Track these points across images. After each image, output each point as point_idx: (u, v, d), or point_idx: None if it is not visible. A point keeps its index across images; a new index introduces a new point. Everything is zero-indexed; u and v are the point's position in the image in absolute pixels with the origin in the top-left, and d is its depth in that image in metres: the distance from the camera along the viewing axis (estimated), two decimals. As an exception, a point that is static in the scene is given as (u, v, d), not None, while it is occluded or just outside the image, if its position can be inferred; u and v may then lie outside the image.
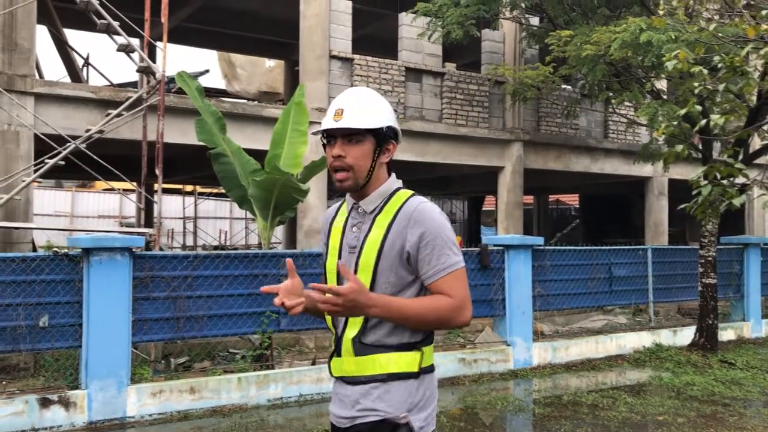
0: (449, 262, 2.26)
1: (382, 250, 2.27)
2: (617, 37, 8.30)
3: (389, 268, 2.27)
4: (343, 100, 2.34)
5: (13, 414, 6.03)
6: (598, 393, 7.90)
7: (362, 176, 2.31)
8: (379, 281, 2.28)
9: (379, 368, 2.26)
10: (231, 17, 16.67)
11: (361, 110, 2.30)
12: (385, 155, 2.36)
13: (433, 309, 2.25)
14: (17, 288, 6.17)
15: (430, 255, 2.25)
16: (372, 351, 2.27)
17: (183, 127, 9.85)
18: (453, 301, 2.26)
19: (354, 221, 2.38)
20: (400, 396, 2.25)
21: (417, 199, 2.33)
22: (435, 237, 2.25)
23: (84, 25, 15.66)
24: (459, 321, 2.29)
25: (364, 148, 2.30)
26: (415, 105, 12.40)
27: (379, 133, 2.31)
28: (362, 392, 2.28)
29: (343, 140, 2.31)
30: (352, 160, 2.29)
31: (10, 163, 8.75)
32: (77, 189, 29.09)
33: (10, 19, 8.78)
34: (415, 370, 2.28)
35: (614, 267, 10.27)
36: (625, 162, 15.13)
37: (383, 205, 2.34)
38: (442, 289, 2.26)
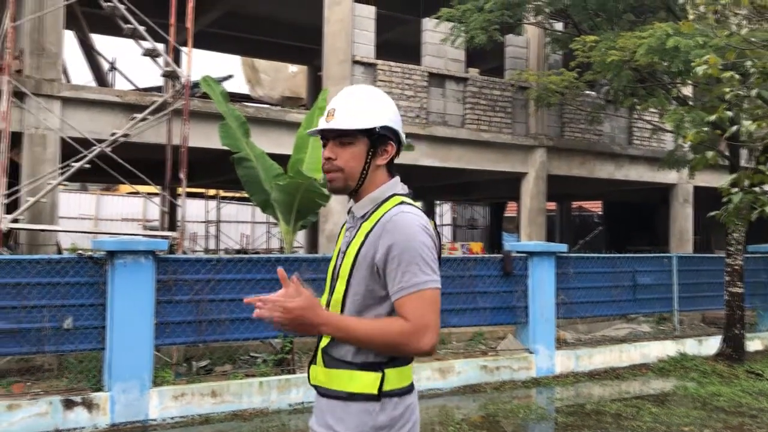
0: (414, 281, 2.05)
1: (356, 259, 2.15)
2: (643, 42, 8.21)
3: (361, 279, 2.14)
4: (337, 99, 2.22)
5: (37, 415, 6.08)
6: (622, 402, 7.80)
7: (353, 179, 2.19)
8: (350, 292, 2.16)
9: (341, 384, 2.14)
10: (255, 23, 16.76)
11: (353, 110, 2.17)
12: (382, 157, 2.21)
13: (382, 332, 2.06)
14: (42, 290, 6.23)
15: (395, 270, 2.07)
16: (338, 365, 2.15)
17: (207, 131, 9.91)
18: (406, 325, 2.05)
19: (349, 225, 2.29)
20: (358, 419, 2.10)
21: (399, 208, 2.15)
22: (403, 251, 2.06)
23: (110, 30, 15.86)
24: (415, 348, 2.06)
25: (355, 149, 2.17)
26: (438, 110, 12.37)
27: (373, 133, 2.17)
28: (329, 407, 2.18)
29: (335, 142, 2.19)
30: (342, 163, 2.18)
31: (37, 166, 8.84)
32: (102, 192, 29.40)
33: (38, 23, 8.90)
34: (374, 392, 2.10)
35: (638, 275, 10.16)
36: (649, 169, 14.96)
37: (373, 211, 2.19)
38: (401, 310, 2.06)
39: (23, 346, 6.18)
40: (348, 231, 2.27)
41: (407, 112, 11.93)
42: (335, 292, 2.21)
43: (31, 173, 8.82)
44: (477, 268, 8.66)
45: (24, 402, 6.09)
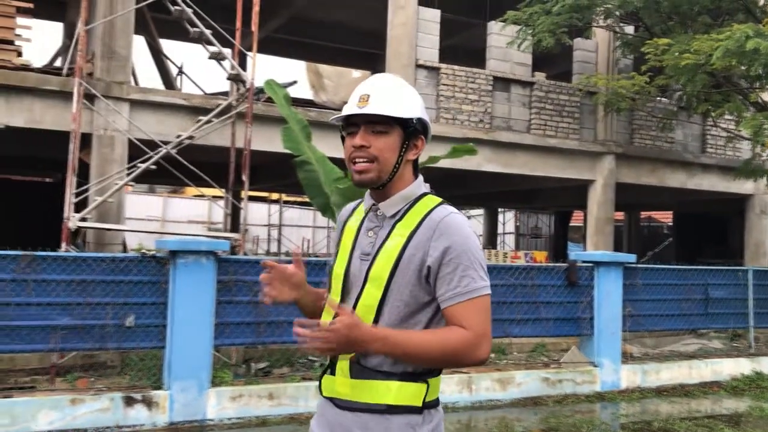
0: (473, 286, 1.95)
1: (399, 262, 1.98)
2: (720, 45, 7.84)
3: (404, 284, 1.98)
4: (369, 85, 2.05)
5: (99, 410, 6.17)
6: (692, 421, 7.44)
7: (386, 171, 2.01)
8: (390, 298, 1.99)
9: (377, 397, 1.97)
10: (319, 28, 16.89)
11: (389, 97, 2.01)
12: (413, 152, 2.07)
13: (441, 345, 1.93)
14: (106, 287, 6.33)
15: (451, 274, 1.95)
16: (371, 376, 1.98)
17: (269, 134, 9.96)
18: (467, 334, 1.93)
19: (371, 224, 2.10)
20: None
21: (446, 209, 2.03)
22: (461, 254, 1.95)
23: (178, 35, 16.21)
24: (472, 359, 1.95)
25: (390, 139, 2.01)
26: (502, 115, 12.15)
27: (408, 124, 2.03)
28: (357, 422, 1.99)
29: (367, 129, 2.01)
30: (376, 152, 2.00)
31: (105, 167, 9.05)
32: (169, 195, 30.13)
33: (109, 27, 9.12)
34: (418, 404, 1.97)
35: (711, 288, 9.71)
36: (723, 178, 14.36)
37: (406, 210, 2.05)
38: (457, 316, 1.94)
39: (87, 342, 6.29)
40: (371, 231, 2.09)
41: (470, 117, 11.76)
42: (366, 297, 2.03)
43: (99, 173, 9.03)
44: (540, 277, 8.42)
45: (87, 397, 6.19)
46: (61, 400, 6.10)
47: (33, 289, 6.07)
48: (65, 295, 6.17)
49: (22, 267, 6.05)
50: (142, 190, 27.98)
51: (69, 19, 15.49)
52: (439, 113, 11.56)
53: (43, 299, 6.10)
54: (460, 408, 7.67)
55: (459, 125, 11.64)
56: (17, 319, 6.01)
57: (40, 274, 6.10)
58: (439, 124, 11.51)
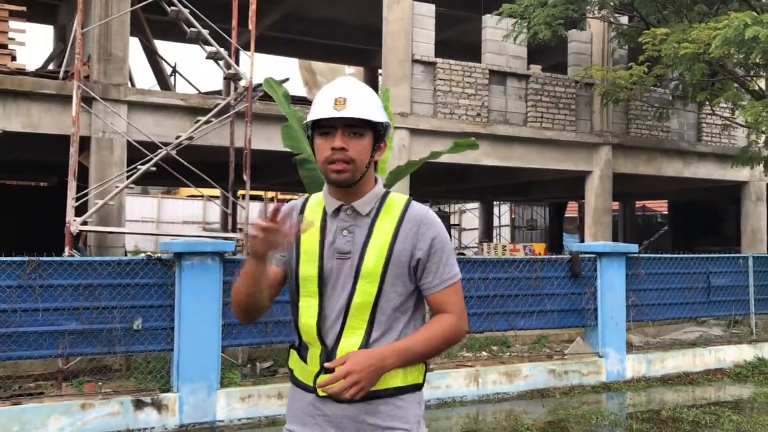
0: (452, 273, 2.18)
1: (390, 256, 2.10)
2: (718, 33, 7.85)
3: (398, 276, 2.11)
4: (341, 88, 2.12)
5: (109, 414, 6.15)
6: (699, 409, 7.47)
7: (360, 171, 2.11)
8: (385, 291, 2.10)
9: (383, 383, 2.07)
10: (312, 25, 16.84)
11: (363, 101, 2.10)
12: (379, 153, 2.18)
13: (441, 335, 2.14)
14: (113, 291, 6.30)
15: (437, 263, 2.15)
16: None
17: (268, 133, 9.94)
18: (452, 318, 2.16)
19: (343, 224, 2.15)
20: (414, 410, 2.15)
21: (420, 205, 2.21)
22: (444, 245, 2.17)
23: (171, 35, 16.12)
24: (459, 336, 2.19)
25: (365, 142, 2.11)
26: (499, 108, 12.15)
27: (378, 128, 2.14)
28: (366, 410, 2.07)
29: (345, 132, 2.09)
30: (354, 154, 2.08)
31: (105, 170, 9.01)
32: (163, 195, 30.03)
33: (105, 30, 9.06)
34: (421, 381, 2.18)
35: (712, 276, 9.74)
36: (719, 166, 14.42)
37: (378, 207, 2.16)
38: (442, 301, 2.16)
39: (95, 346, 6.26)
40: (345, 230, 2.13)
41: (468, 111, 11.76)
42: (360, 293, 2.09)
43: (98, 176, 8.98)
44: (544, 270, 8.44)
45: (96, 402, 6.17)
46: (71, 406, 6.08)
47: (39, 295, 6.03)
48: (72, 300, 6.14)
49: (28, 273, 6.01)
50: (136, 192, 27.87)
51: (59, 21, 15.41)
52: (436, 108, 11.55)
53: (50, 304, 6.07)
54: (468, 402, 7.68)
55: (456, 120, 11.63)
56: (25, 325, 5.98)
57: (46, 279, 6.06)
58: (437, 118, 11.50)
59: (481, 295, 7.99)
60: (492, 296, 8.06)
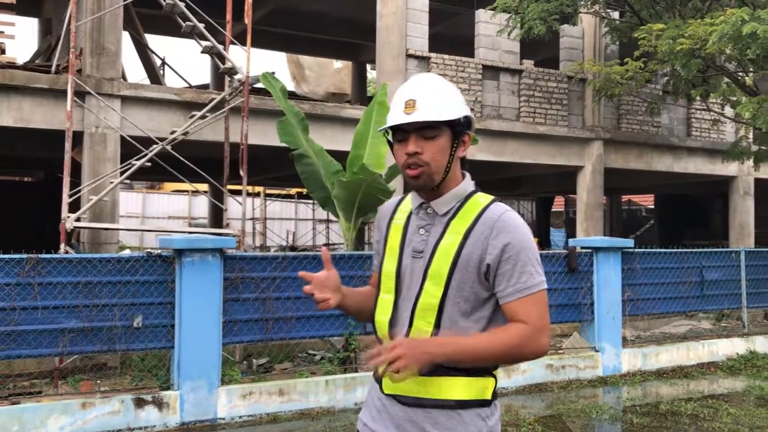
0: (531, 282, 2.01)
1: (457, 259, 2.02)
2: (715, 29, 7.89)
3: (464, 281, 2.02)
4: (412, 88, 2.06)
5: (109, 413, 6.08)
6: (696, 402, 7.53)
7: (439, 173, 2.05)
8: (450, 295, 2.03)
9: (445, 393, 2.01)
10: (301, 19, 16.72)
11: (435, 100, 2.03)
12: (462, 149, 2.11)
13: (504, 342, 1.98)
14: (113, 288, 6.22)
15: (511, 270, 2.00)
16: (439, 372, 1.99)
17: (263, 128, 9.87)
18: (527, 328, 1.98)
19: (421, 222, 2.13)
20: (474, 426, 2.02)
21: (501, 206, 2.08)
22: (519, 251, 2.01)
23: (162, 29, 15.95)
24: (533, 351, 2.01)
25: (441, 142, 2.04)
26: (492, 103, 12.16)
27: (456, 124, 2.06)
28: (427, 418, 2.02)
29: (417, 135, 2.04)
30: (428, 157, 2.03)
31: (98, 165, 8.89)
32: (147, 191, 29.77)
33: (98, 23, 8.94)
34: (488, 397, 2.05)
35: (706, 270, 9.82)
36: (708, 161, 14.54)
37: (458, 208, 2.09)
38: (517, 311, 2.00)
39: (95, 344, 6.18)
40: (422, 228, 2.12)
41: (461, 106, 11.73)
42: (426, 294, 2.06)
43: (92, 172, 8.87)
44: (542, 265, 8.43)
45: (97, 400, 6.09)
46: (71, 404, 6.00)
47: (39, 293, 5.94)
48: (72, 298, 6.05)
49: (27, 270, 5.91)
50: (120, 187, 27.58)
51: (45, 14, 15.18)
52: (430, 103, 11.50)
53: (49, 302, 5.97)
54: (467, 397, 7.68)
55: (450, 114, 11.60)
56: (24, 324, 5.88)
57: (45, 277, 5.97)
58: (431, 113, 11.46)
59: (479, 291, 7.98)
60: (490, 291, 8.05)
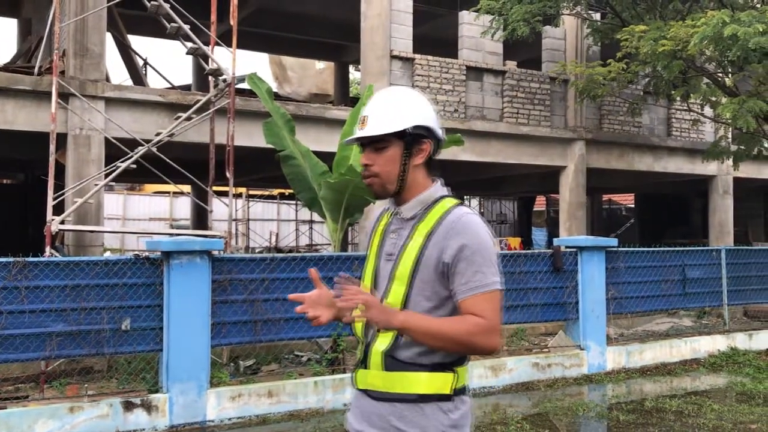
0: (485, 281, 2.11)
1: (419, 260, 2.15)
2: (696, 31, 8.01)
3: (426, 280, 2.15)
4: (369, 105, 2.25)
5: (98, 417, 6.05)
6: (681, 399, 7.64)
7: (391, 182, 2.20)
8: (413, 294, 2.16)
9: (408, 387, 2.14)
10: (284, 20, 16.70)
11: (383, 115, 2.18)
12: (419, 156, 2.22)
13: (458, 327, 2.09)
14: (101, 291, 6.19)
15: (465, 269, 2.11)
16: (404, 368, 2.15)
17: (248, 129, 9.85)
18: (482, 321, 2.09)
19: (394, 227, 2.28)
20: (435, 420, 2.13)
21: (462, 210, 2.19)
22: (475, 252, 2.11)
23: (143, 30, 15.86)
24: (485, 345, 2.11)
25: (389, 153, 2.19)
26: (476, 104, 12.22)
27: (405, 135, 2.18)
28: (393, 412, 2.15)
29: (370, 148, 2.21)
30: (377, 168, 2.20)
31: (82, 168, 8.83)
32: (128, 192, 29.52)
33: (81, 25, 8.87)
34: (448, 392, 2.16)
35: (688, 269, 9.96)
36: (688, 160, 14.73)
37: (424, 212, 2.21)
38: (471, 308, 2.10)
39: (83, 348, 6.14)
40: (394, 233, 2.26)
41: (446, 107, 11.80)
42: (391, 294, 2.20)
43: (76, 174, 8.80)
44: (527, 264, 8.53)
45: (85, 404, 6.06)
46: (59, 409, 5.96)
47: (26, 296, 5.90)
48: (59, 301, 6.01)
49: (14, 274, 5.87)
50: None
51: (24, 15, 15.01)
52: (414, 104, 11.54)
53: (36, 306, 5.93)
54: (455, 397, 7.73)
55: (435, 115, 11.65)
56: (10, 328, 5.83)
57: (32, 280, 5.93)
58: (415, 114, 11.50)
59: (466, 291, 8.03)
60: (477, 291, 8.11)
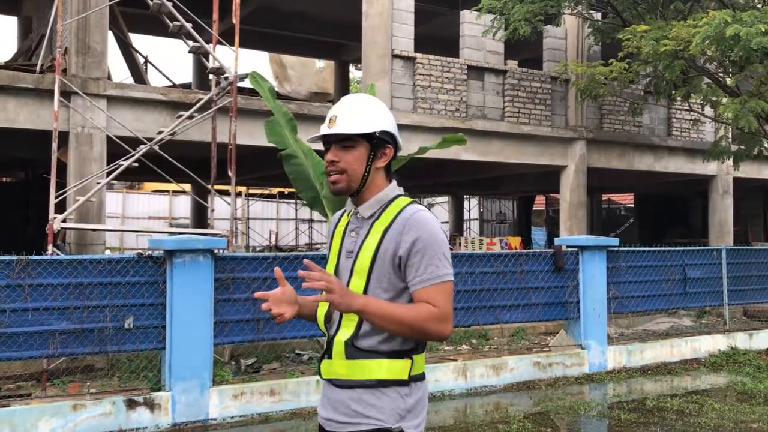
0: (437, 273, 2.26)
1: (376, 255, 2.28)
2: (698, 31, 8.02)
3: (383, 273, 2.28)
4: (337, 107, 2.36)
5: (101, 415, 6.05)
6: (682, 398, 7.65)
7: (355, 180, 2.32)
8: (372, 286, 2.29)
9: (369, 373, 2.27)
10: (284, 19, 16.70)
11: (353, 116, 2.32)
12: (381, 160, 2.35)
13: (415, 313, 2.23)
14: (104, 289, 6.19)
15: (419, 263, 2.25)
16: (364, 356, 2.28)
17: (250, 128, 9.85)
18: (435, 310, 2.23)
19: (353, 226, 2.40)
20: (392, 403, 2.26)
21: (415, 207, 2.33)
22: (426, 245, 2.25)
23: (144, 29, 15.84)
24: (437, 332, 2.25)
25: (357, 152, 2.31)
26: (477, 104, 12.23)
27: (373, 137, 2.31)
28: (353, 397, 2.28)
29: (337, 146, 2.33)
30: (344, 165, 2.31)
31: (84, 166, 8.82)
32: (127, 191, 29.50)
33: (83, 23, 8.86)
34: (405, 377, 2.29)
35: (689, 268, 9.98)
36: (689, 160, 14.74)
37: (381, 211, 2.34)
38: (425, 298, 2.25)
39: (86, 346, 6.15)
40: (353, 231, 2.38)
41: (447, 106, 11.81)
42: (352, 287, 2.30)
43: (78, 172, 8.80)
44: (528, 264, 8.54)
45: (88, 402, 6.06)
46: (63, 407, 5.96)
47: (29, 294, 5.90)
48: (62, 299, 6.01)
49: (17, 272, 5.87)
50: (101, 187, 27.24)
51: (24, 12, 15.00)
52: (416, 103, 11.58)
53: (39, 304, 5.93)
54: (456, 395, 7.75)
55: (436, 115, 11.68)
56: (14, 326, 5.84)
57: (35, 278, 5.93)
58: (417, 114, 11.53)
59: (468, 290, 8.06)
60: (479, 290, 8.14)
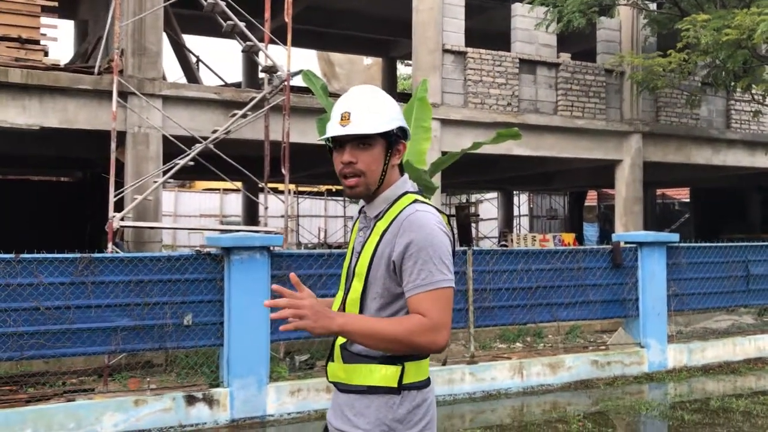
0: (432, 279, 2.09)
1: (373, 257, 2.18)
2: (763, 19, 7.73)
3: (378, 277, 2.17)
4: (348, 101, 2.20)
5: (162, 410, 6.14)
6: (748, 399, 7.41)
7: (374, 181, 2.19)
8: (369, 290, 2.19)
9: (361, 378, 2.17)
10: (333, 17, 16.73)
11: (368, 113, 2.16)
12: (396, 157, 2.23)
13: (402, 327, 2.07)
14: (164, 287, 6.28)
15: (412, 267, 2.10)
16: (357, 360, 2.18)
17: (301, 126, 9.89)
18: (425, 320, 2.07)
19: (362, 225, 2.31)
20: (379, 412, 2.14)
21: (414, 207, 2.17)
22: (420, 249, 2.09)
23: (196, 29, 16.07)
24: (428, 343, 2.08)
25: (375, 152, 2.17)
26: (530, 98, 12.06)
27: (390, 135, 2.18)
28: (347, 402, 2.21)
29: (353, 145, 2.17)
30: (363, 166, 2.17)
31: (141, 165, 8.98)
32: (179, 189, 30.02)
33: (139, 24, 9.01)
34: (394, 385, 2.14)
35: (752, 264, 9.65)
36: (748, 153, 14.29)
37: (385, 210, 2.22)
38: (416, 306, 2.09)
39: (146, 342, 6.25)
40: (362, 231, 2.29)
41: (498, 101, 11.67)
42: (351, 290, 2.23)
43: (135, 171, 8.96)
44: (585, 260, 8.37)
45: (149, 398, 6.16)
46: (125, 402, 6.07)
47: (92, 292, 6.02)
48: (124, 296, 6.12)
49: (80, 269, 5.99)
50: (154, 186, 27.78)
51: (80, 16, 15.34)
52: (467, 98, 11.47)
53: (101, 301, 6.06)
54: (513, 394, 7.65)
55: (487, 109, 11.55)
56: (78, 322, 5.97)
57: (98, 276, 6.05)
58: (468, 108, 11.42)
59: (524, 287, 7.95)
60: (535, 287, 8.01)
